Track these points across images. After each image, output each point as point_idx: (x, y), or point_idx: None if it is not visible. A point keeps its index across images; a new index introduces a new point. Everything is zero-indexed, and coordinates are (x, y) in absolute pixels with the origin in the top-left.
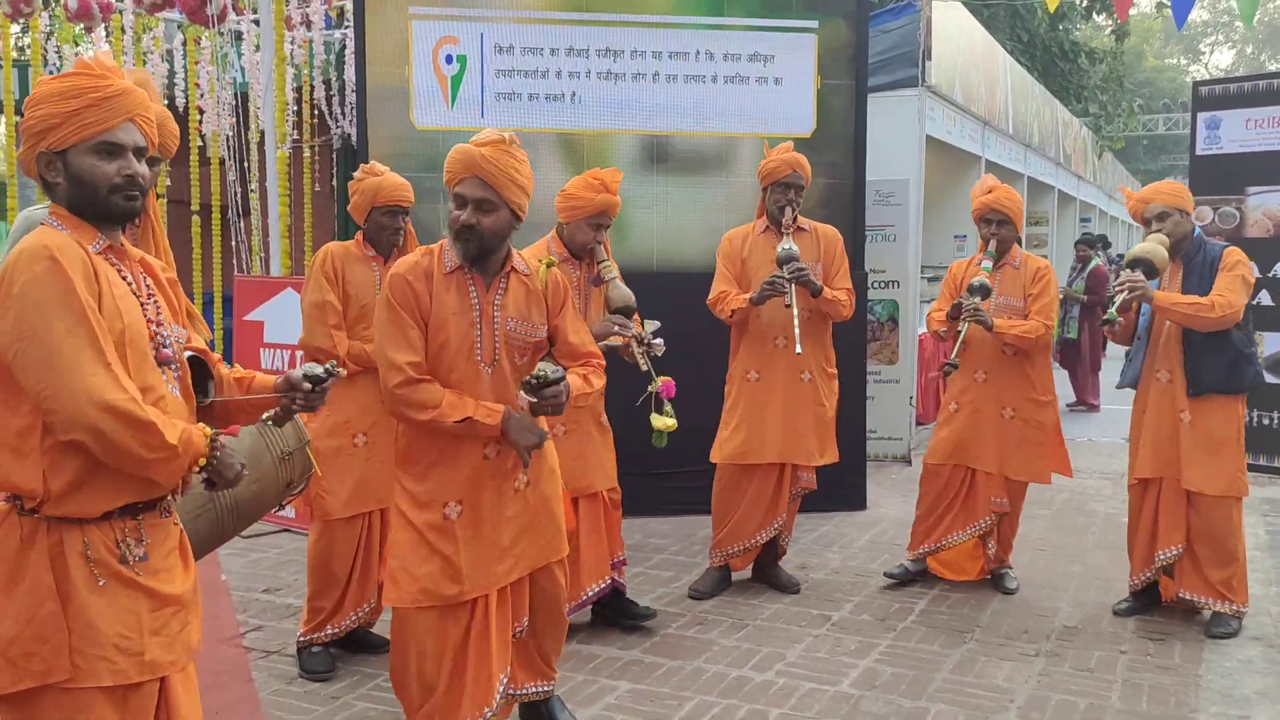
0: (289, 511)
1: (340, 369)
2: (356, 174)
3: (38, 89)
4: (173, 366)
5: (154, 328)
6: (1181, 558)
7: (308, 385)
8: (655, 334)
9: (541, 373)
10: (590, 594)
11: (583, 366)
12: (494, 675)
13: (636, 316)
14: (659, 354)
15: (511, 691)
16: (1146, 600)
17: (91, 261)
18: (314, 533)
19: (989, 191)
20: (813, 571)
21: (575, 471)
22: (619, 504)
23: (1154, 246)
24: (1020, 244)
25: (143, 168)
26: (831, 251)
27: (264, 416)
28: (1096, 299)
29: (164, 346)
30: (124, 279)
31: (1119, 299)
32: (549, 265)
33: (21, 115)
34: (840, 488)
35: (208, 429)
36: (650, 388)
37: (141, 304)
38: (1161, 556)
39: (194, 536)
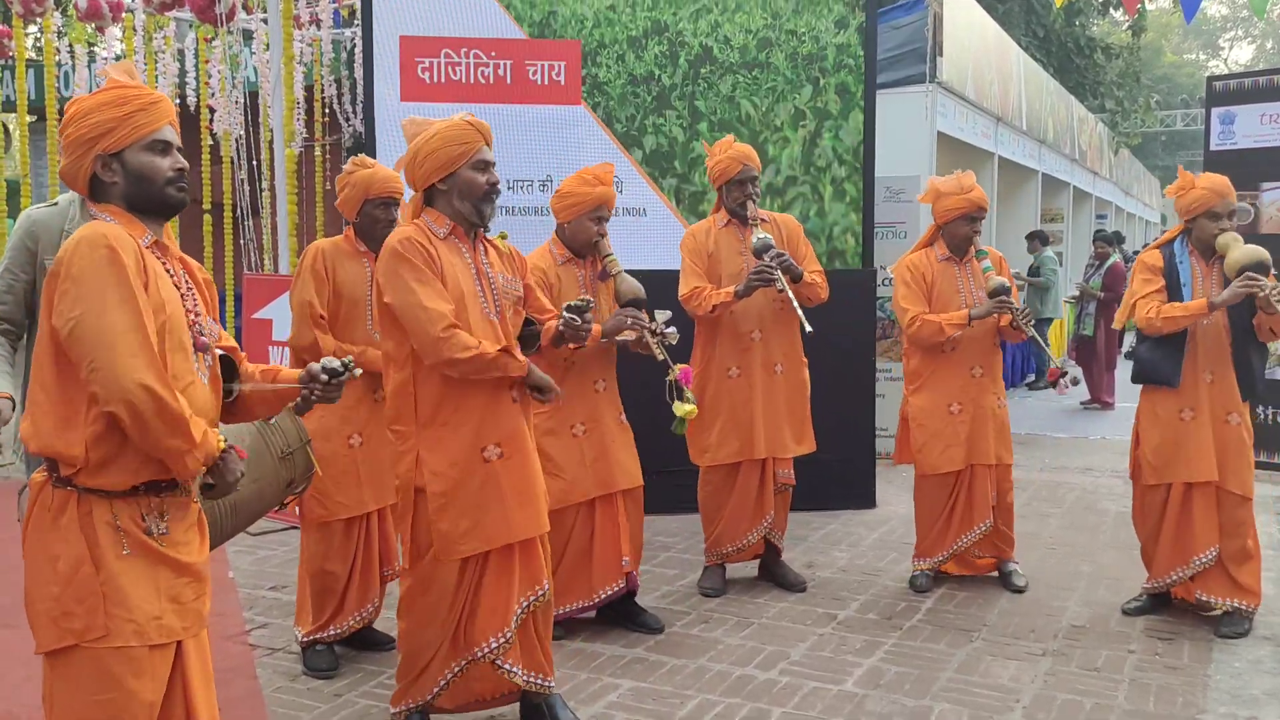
0: (296, 510)
1: (356, 368)
2: (345, 168)
3: (79, 105)
4: (206, 355)
5: (192, 317)
6: (1214, 566)
7: (325, 377)
8: (667, 323)
9: (583, 299)
10: (602, 595)
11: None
12: (512, 602)
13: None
14: (673, 342)
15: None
16: (1156, 600)
17: (142, 254)
18: (312, 535)
19: (972, 189)
20: (819, 570)
21: (599, 470)
22: (640, 502)
23: (1256, 247)
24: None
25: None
26: (795, 240)
27: (288, 407)
28: (1113, 296)
29: (201, 334)
30: (168, 272)
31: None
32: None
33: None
34: (849, 486)
35: (221, 437)
36: (669, 376)
37: (181, 295)
38: (1198, 561)
39: None
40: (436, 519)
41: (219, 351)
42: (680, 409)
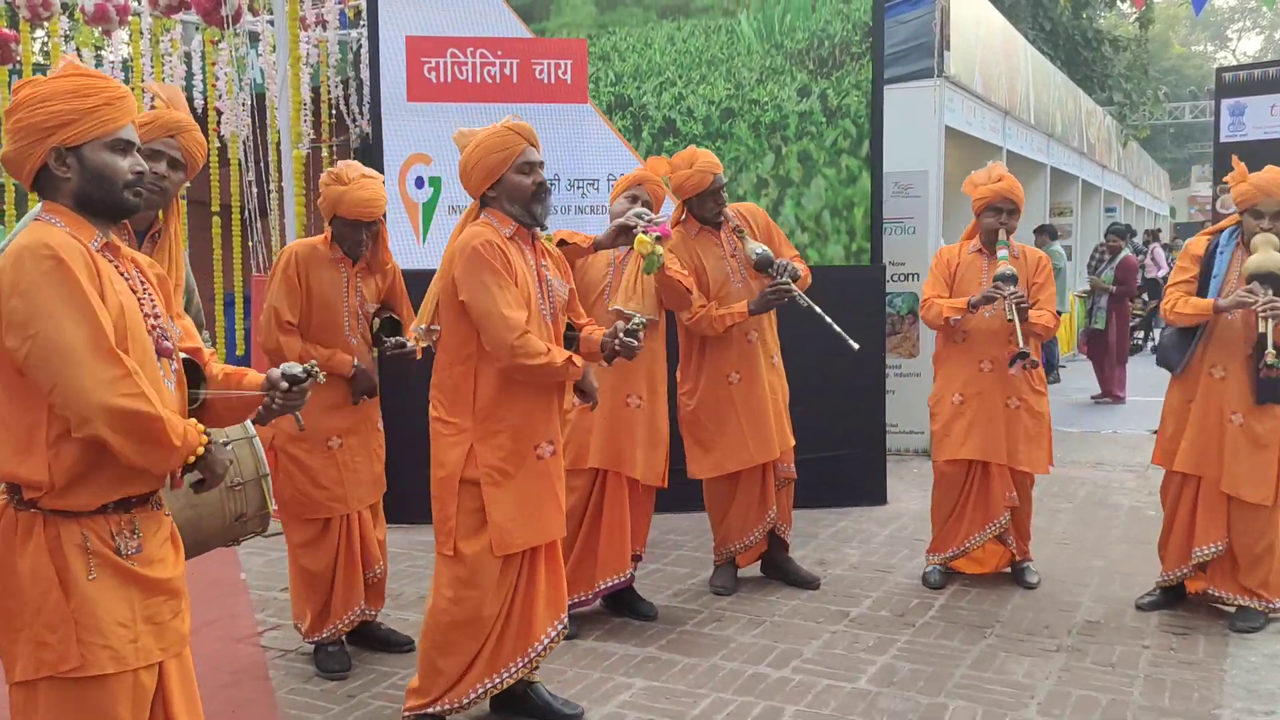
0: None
1: (320, 372)
2: (322, 178)
3: (36, 89)
4: (170, 360)
5: (152, 321)
6: (1222, 562)
7: (285, 385)
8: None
9: (638, 321)
10: (605, 586)
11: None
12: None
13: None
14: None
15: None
16: (1171, 594)
17: (92, 258)
18: (289, 536)
19: (1000, 179)
20: (831, 567)
21: (605, 442)
22: (653, 497)
23: (1273, 255)
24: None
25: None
26: (764, 228)
27: (249, 438)
28: (1125, 289)
29: (164, 339)
30: (122, 275)
31: (1268, 328)
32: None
33: None
34: (860, 482)
35: (200, 425)
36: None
37: (139, 299)
38: (1199, 553)
39: None
40: (492, 511)
41: (183, 355)
42: (639, 240)
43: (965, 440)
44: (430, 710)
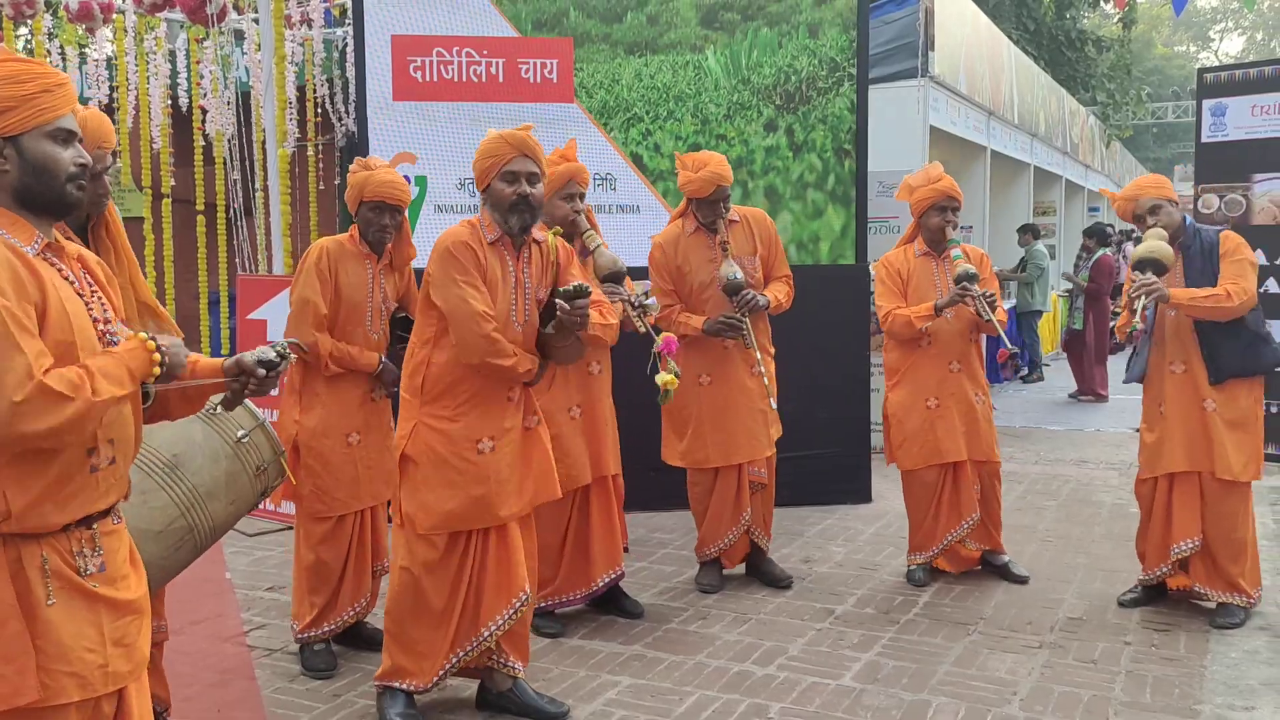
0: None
1: (292, 353)
2: (351, 167)
3: None
4: None
5: (101, 326)
6: (1201, 559)
7: (261, 371)
8: (646, 294)
9: (578, 284)
10: (602, 583)
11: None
12: (516, 584)
13: (628, 281)
14: (654, 314)
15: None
16: (1153, 591)
17: (27, 264)
18: (304, 530)
19: (939, 179)
20: (816, 565)
21: (593, 454)
22: (621, 490)
23: (1157, 244)
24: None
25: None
26: (768, 239)
27: (212, 401)
28: (1098, 289)
29: (112, 342)
30: (66, 279)
31: (1138, 305)
32: (556, 233)
33: None
34: (845, 481)
35: (141, 335)
36: (654, 348)
37: (86, 303)
38: (1176, 550)
39: (178, 565)
40: (420, 489)
41: None
42: (661, 378)
43: (938, 443)
44: (397, 685)
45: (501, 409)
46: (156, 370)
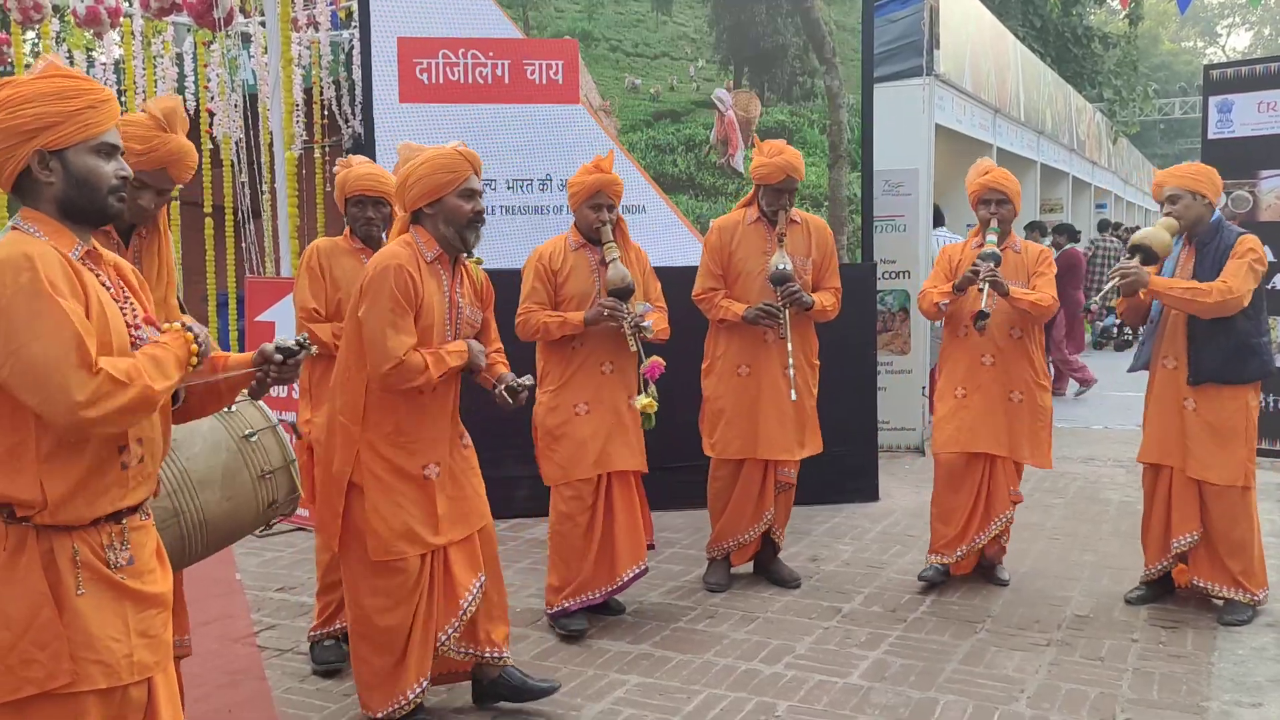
0: (302, 510)
1: (312, 345)
2: (335, 169)
3: (17, 88)
4: None
5: (133, 331)
6: (1197, 546)
7: (279, 358)
8: (643, 318)
9: (530, 382)
10: (627, 578)
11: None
12: (462, 589)
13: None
14: (648, 337)
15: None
16: (1160, 589)
17: (73, 268)
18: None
19: (986, 173)
20: (824, 564)
21: (603, 450)
22: (640, 487)
23: (1156, 231)
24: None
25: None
26: (825, 247)
27: (272, 428)
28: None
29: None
30: (104, 285)
31: (1107, 286)
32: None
33: None
34: (852, 479)
35: (177, 326)
36: (640, 368)
37: (120, 307)
38: (1176, 544)
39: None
40: (370, 517)
41: None
42: (639, 401)
43: (966, 433)
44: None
45: (445, 432)
46: (195, 360)
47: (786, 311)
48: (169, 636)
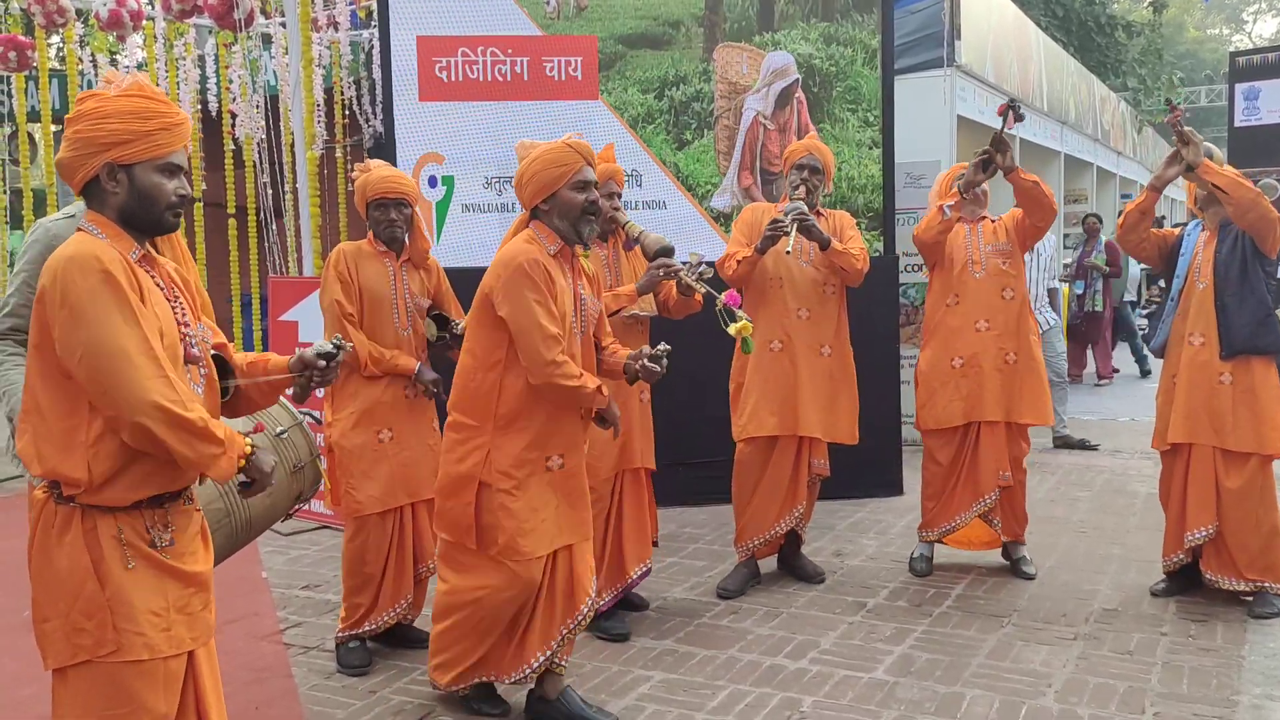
0: (325, 508)
1: (348, 343)
2: (353, 174)
3: (101, 104)
4: (199, 366)
5: (184, 330)
6: (1212, 545)
7: (322, 363)
8: (700, 262)
9: (667, 348)
10: (636, 575)
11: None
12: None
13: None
14: (709, 275)
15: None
16: (1185, 581)
17: (132, 269)
18: (348, 530)
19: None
20: (848, 558)
21: (622, 444)
22: (650, 485)
23: (1205, 145)
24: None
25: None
26: (843, 226)
27: (299, 424)
28: (1115, 271)
29: (191, 346)
30: (157, 285)
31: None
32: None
33: (59, 124)
34: (876, 473)
35: (248, 442)
36: (716, 306)
37: (172, 307)
38: (1190, 538)
39: (214, 548)
40: (502, 517)
41: (211, 353)
42: (734, 328)
43: (960, 403)
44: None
45: (570, 424)
46: (239, 475)
47: (794, 229)
48: (208, 616)
